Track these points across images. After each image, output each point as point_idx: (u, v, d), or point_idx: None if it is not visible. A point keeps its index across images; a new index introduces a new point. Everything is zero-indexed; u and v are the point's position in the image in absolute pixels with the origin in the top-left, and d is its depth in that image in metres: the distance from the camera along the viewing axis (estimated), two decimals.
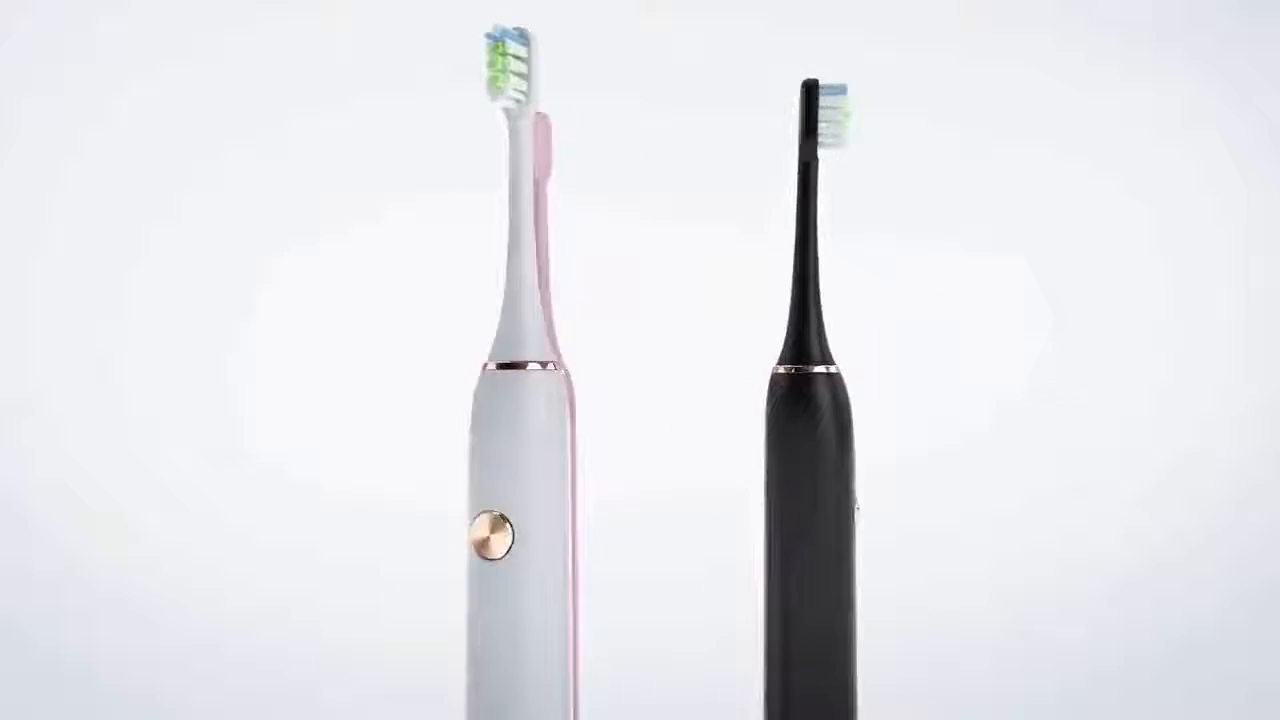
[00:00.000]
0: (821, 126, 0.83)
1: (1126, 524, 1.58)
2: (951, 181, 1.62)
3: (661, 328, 1.46)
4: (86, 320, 1.61)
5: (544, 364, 0.79)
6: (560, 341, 0.89)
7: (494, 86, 0.79)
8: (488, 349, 0.84)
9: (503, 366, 0.80)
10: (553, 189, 0.93)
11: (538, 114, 0.88)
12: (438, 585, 1.12)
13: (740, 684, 0.94)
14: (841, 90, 0.83)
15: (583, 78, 1.30)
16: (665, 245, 1.49)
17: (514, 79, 0.81)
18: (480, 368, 0.81)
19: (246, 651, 1.27)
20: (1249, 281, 1.68)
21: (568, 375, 0.85)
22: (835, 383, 0.81)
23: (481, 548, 0.78)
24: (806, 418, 0.80)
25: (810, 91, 0.81)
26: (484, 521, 0.78)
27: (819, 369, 0.81)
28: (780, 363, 0.82)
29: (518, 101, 0.82)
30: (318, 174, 1.59)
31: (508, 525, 0.77)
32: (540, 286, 0.88)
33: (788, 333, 0.82)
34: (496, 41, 0.79)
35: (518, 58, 0.81)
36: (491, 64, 0.79)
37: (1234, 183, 1.67)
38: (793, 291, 0.81)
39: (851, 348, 1.09)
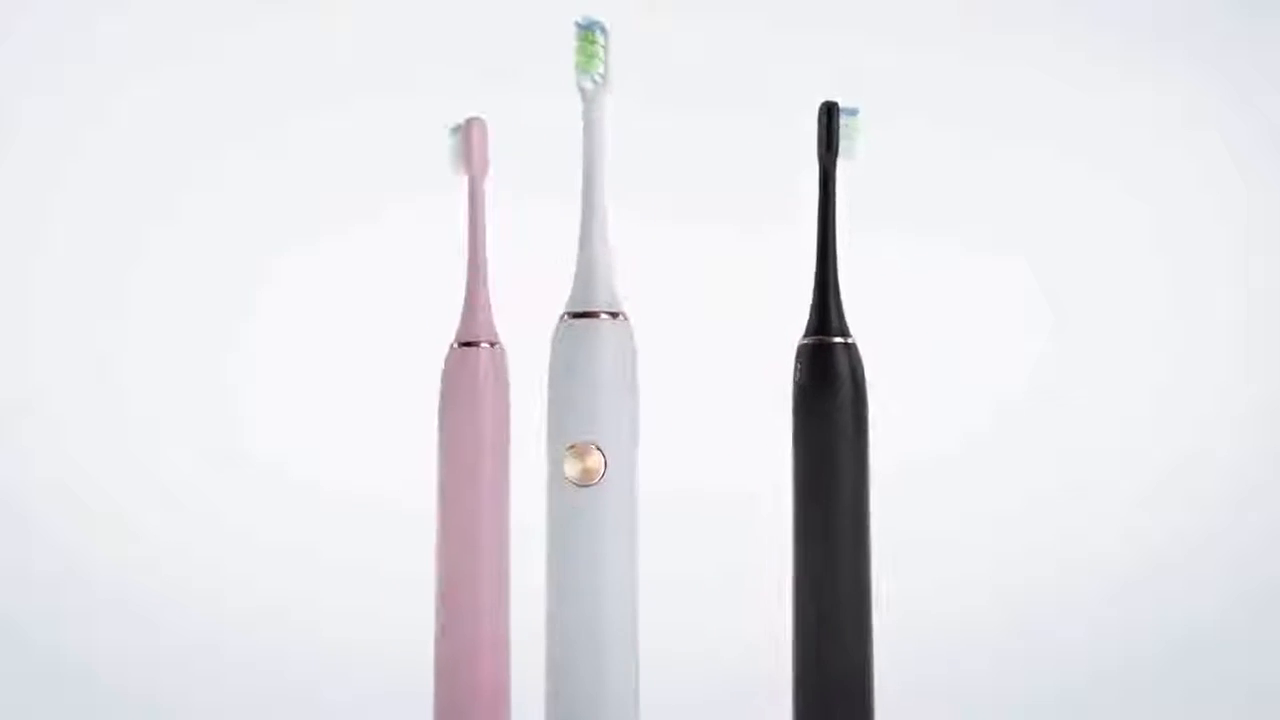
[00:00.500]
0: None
1: (1126, 524, 1.58)
2: (951, 181, 1.62)
3: (687, 314, 1.46)
4: (86, 320, 1.61)
5: (614, 314, 0.90)
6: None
7: (583, 68, 0.92)
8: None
9: (575, 316, 0.90)
10: (489, 186, 1.03)
11: (474, 118, 1.02)
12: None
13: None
14: (854, 111, 0.96)
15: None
16: (672, 242, 1.49)
17: (597, 63, 0.92)
18: (558, 319, 0.92)
19: (246, 651, 1.27)
20: (1249, 281, 1.68)
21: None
22: (852, 352, 0.93)
23: (581, 475, 0.88)
24: (828, 382, 0.92)
25: (831, 111, 0.95)
26: (578, 451, 0.88)
27: (838, 340, 0.93)
28: (805, 336, 0.94)
29: (594, 83, 0.92)
30: (318, 174, 1.59)
31: (598, 451, 0.88)
32: (481, 283, 1.01)
33: (811, 310, 0.94)
34: (587, 29, 0.91)
35: (602, 45, 0.92)
36: (582, 49, 0.91)
37: (1234, 183, 1.67)
38: (815, 275, 0.94)
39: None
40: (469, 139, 1.01)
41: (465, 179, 1.02)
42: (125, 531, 1.53)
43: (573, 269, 0.92)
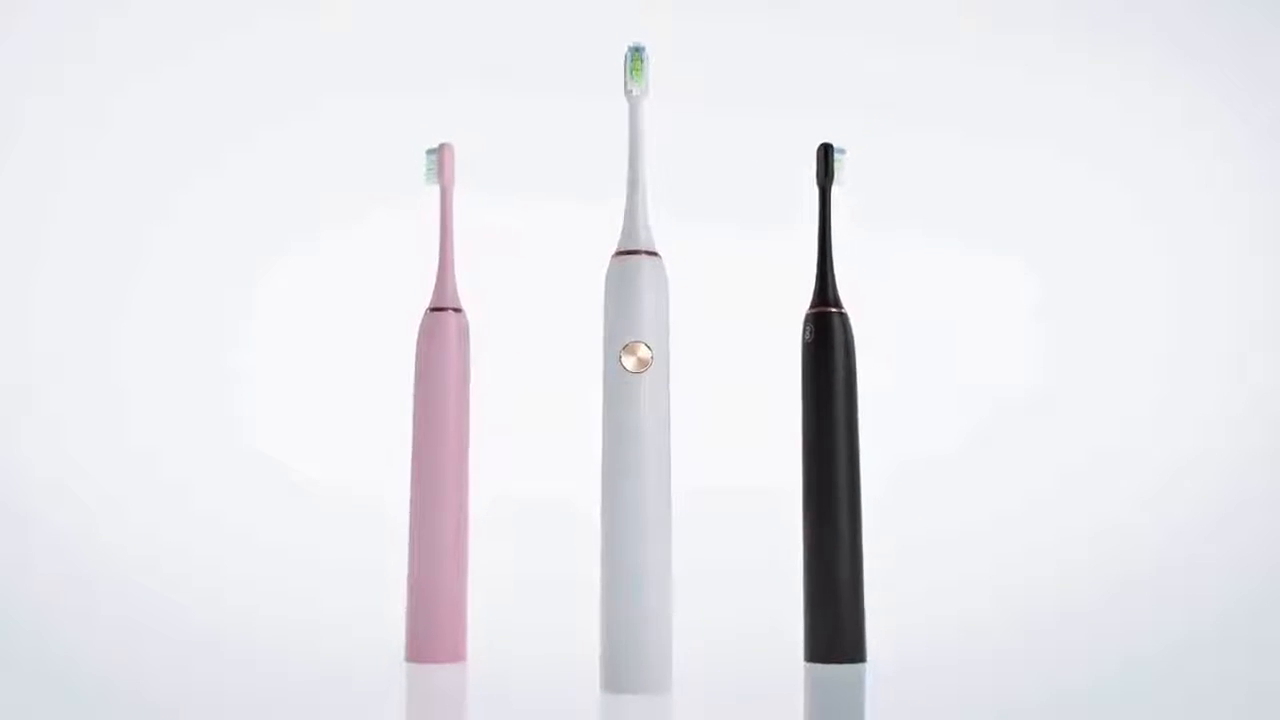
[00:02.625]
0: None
1: (1126, 524, 1.59)
2: (951, 181, 1.62)
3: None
4: (86, 320, 1.61)
5: (651, 253, 1.13)
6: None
7: (634, 80, 1.16)
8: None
9: (622, 254, 1.13)
10: (458, 195, 1.26)
11: (445, 143, 1.26)
12: None
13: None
14: (843, 151, 1.27)
15: (584, 77, 1.31)
16: (679, 240, 1.50)
17: (641, 76, 1.17)
18: (609, 258, 1.14)
19: (246, 651, 1.27)
20: (1249, 281, 1.68)
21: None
22: (844, 320, 1.23)
23: (637, 364, 1.10)
24: (827, 339, 1.22)
25: (827, 150, 1.26)
26: (631, 348, 1.10)
27: (834, 310, 1.23)
28: (810, 306, 1.24)
29: (640, 90, 1.17)
30: (317, 174, 1.59)
31: (645, 346, 1.10)
32: (450, 265, 1.25)
33: (814, 288, 1.24)
34: (636, 50, 1.16)
35: (645, 63, 1.17)
36: (633, 65, 1.16)
37: (1234, 183, 1.68)
38: (817, 262, 1.25)
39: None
40: (442, 158, 1.26)
41: (438, 188, 1.26)
42: (125, 531, 1.53)
43: (621, 223, 1.15)
